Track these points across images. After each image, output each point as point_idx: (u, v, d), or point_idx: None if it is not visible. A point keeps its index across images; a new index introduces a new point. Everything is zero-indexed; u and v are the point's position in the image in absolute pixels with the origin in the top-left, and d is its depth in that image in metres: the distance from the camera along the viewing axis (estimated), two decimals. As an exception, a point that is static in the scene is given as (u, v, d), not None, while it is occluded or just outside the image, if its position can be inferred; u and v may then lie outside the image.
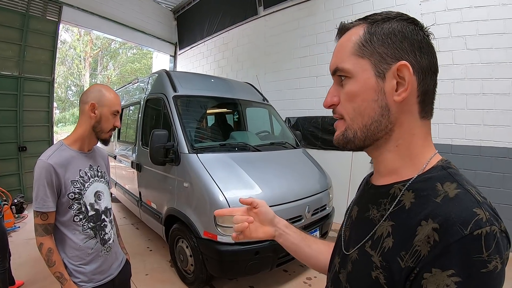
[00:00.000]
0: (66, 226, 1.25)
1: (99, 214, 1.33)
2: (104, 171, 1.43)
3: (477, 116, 3.53)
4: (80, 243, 1.26)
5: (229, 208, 0.84)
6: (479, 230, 0.38)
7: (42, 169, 1.18)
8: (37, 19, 5.32)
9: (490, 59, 3.43)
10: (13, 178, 5.19)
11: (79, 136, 1.31)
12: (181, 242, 2.66)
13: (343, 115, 0.54)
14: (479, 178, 3.54)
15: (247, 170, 2.51)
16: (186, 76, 3.63)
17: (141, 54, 23.12)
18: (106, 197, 1.40)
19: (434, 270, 0.39)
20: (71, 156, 1.27)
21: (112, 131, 1.37)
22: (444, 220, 0.40)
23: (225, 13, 6.90)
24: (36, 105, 5.53)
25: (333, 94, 0.56)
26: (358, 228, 0.57)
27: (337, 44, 0.57)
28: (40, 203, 1.17)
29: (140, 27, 7.69)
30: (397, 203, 0.49)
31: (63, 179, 1.21)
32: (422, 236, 0.41)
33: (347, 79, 0.53)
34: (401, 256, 0.43)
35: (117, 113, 1.35)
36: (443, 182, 0.46)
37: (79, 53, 21.54)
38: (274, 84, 5.70)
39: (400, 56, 0.49)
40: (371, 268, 0.48)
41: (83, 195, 1.27)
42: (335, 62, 0.55)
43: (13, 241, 3.66)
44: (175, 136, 2.71)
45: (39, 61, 5.46)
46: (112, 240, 1.38)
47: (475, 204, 0.42)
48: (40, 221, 1.19)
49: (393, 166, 0.53)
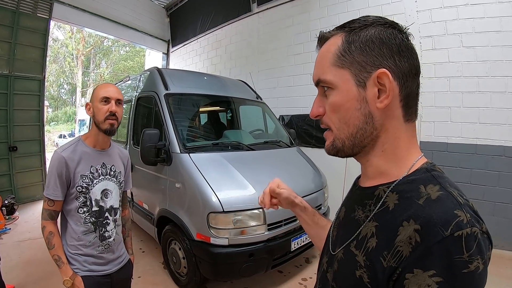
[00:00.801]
0: (70, 215, 1.31)
1: (102, 211, 1.36)
2: (119, 172, 1.45)
3: (473, 114, 3.53)
4: (80, 234, 1.31)
5: (265, 193, 0.84)
6: (460, 232, 0.39)
7: (56, 160, 1.27)
8: (28, 16, 5.20)
9: (486, 57, 3.43)
10: (3, 178, 5.09)
11: (91, 134, 1.37)
12: (174, 244, 2.60)
13: (329, 125, 0.56)
14: (474, 176, 3.54)
15: (240, 170, 2.46)
16: (178, 73, 3.57)
17: (134, 52, 22.97)
18: (114, 196, 1.41)
19: (416, 270, 0.40)
20: (84, 152, 1.33)
21: (112, 120, 1.33)
22: (426, 221, 0.41)
23: (218, 10, 6.83)
24: (27, 104, 5.42)
25: (318, 105, 0.57)
26: (345, 228, 0.59)
27: (318, 55, 0.57)
28: (50, 191, 1.26)
29: (132, 24, 7.58)
30: (381, 204, 0.51)
31: (74, 172, 1.28)
32: (404, 236, 0.42)
33: (330, 90, 0.54)
34: (384, 256, 0.44)
35: (107, 99, 1.32)
36: (426, 184, 0.47)
37: (71, 51, 21.32)
38: (267, 82, 5.65)
39: (379, 63, 0.50)
40: (355, 267, 0.49)
41: (90, 190, 1.32)
42: (317, 74, 0.56)
43: (4, 244, 3.59)
44: (167, 135, 2.64)
45: (30, 59, 5.35)
46: (113, 238, 1.40)
47: (456, 206, 0.43)
48: (47, 206, 1.28)
49: (380, 170, 0.55)
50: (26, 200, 5.41)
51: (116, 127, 1.35)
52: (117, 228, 1.44)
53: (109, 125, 1.32)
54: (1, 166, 5.04)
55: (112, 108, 1.32)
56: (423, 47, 3.78)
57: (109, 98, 1.32)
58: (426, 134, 3.82)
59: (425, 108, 3.81)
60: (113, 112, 1.33)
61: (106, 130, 1.33)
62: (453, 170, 3.63)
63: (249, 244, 2.22)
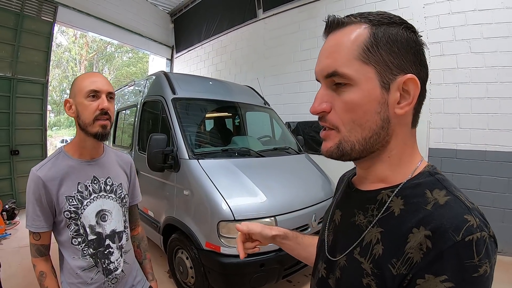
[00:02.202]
0: (64, 247, 1.06)
1: (101, 238, 1.08)
2: (118, 184, 1.16)
3: (482, 120, 3.50)
4: (78, 271, 1.04)
5: (246, 228, 0.76)
6: (470, 236, 0.39)
7: (31, 182, 1.00)
8: (32, 19, 5.18)
9: (494, 63, 3.41)
10: (4, 182, 5.02)
11: (76, 141, 1.08)
12: (181, 253, 2.53)
13: (337, 126, 0.50)
14: (484, 183, 3.50)
15: (251, 177, 2.40)
16: (185, 78, 3.52)
17: (137, 58, 23.04)
18: (115, 217, 1.12)
19: (427, 276, 0.40)
20: (69, 166, 1.04)
21: (104, 121, 1.03)
22: (436, 227, 0.41)
23: (223, 16, 6.82)
24: (29, 107, 5.38)
25: (322, 100, 0.51)
26: (344, 233, 0.56)
27: (331, 42, 0.50)
28: (30, 221, 1.01)
29: (136, 29, 7.58)
30: (385, 209, 0.49)
31: (56, 195, 1.01)
32: (415, 243, 0.42)
33: (348, 86, 0.48)
34: (392, 263, 0.44)
35: (95, 93, 1.01)
36: (432, 189, 0.46)
37: (74, 56, 21.38)
38: (273, 88, 5.62)
39: (405, 68, 0.47)
40: (361, 275, 0.48)
41: (80, 215, 1.04)
42: (332, 65, 0.48)
43: (4, 249, 3.51)
44: (175, 140, 2.58)
45: (33, 62, 5.32)
46: (121, 270, 1.13)
47: (465, 210, 0.42)
48: (33, 240, 1.04)
49: (383, 175, 0.52)
50: (27, 205, 5.34)
51: (109, 129, 1.05)
52: (126, 256, 1.17)
53: (100, 128, 1.02)
54: (3, 170, 4.97)
55: (104, 105, 1.01)
56: (431, 53, 3.75)
57: (98, 92, 1.01)
58: (435, 141, 3.78)
59: (433, 115, 3.78)
60: (105, 109, 1.02)
61: (97, 134, 1.02)
62: (462, 177, 3.59)
63: (260, 254, 2.14)
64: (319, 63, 0.52)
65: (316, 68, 0.52)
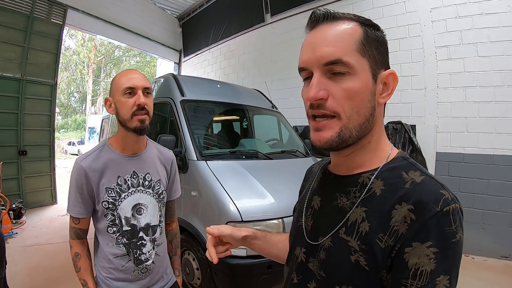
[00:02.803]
0: (101, 234, 1.12)
1: (135, 230, 1.12)
2: (157, 180, 1.19)
3: (489, 124, 3.49)
4: (111, 257, 1.10)
5: (217, 231, 0.73)
6: (448, 207, 0.45)
7: (75, 171, 1.07)
8: (42, 21, 5.26)
9: (501, 66, 3.41)
10: (12, 182, 5.08)
11: (118, 136, 1.14)
12: (187, 254, 2.53)
13: (339, 112, 0.51)
14: (491, 187, 3.48)
15: (258, 179, 2.39)
16: (194, 80, 3.55)
17: (144, 62, 23.28)
18: (151, 211, 1.16)
19: (414, 244, 0.44)
20: (110, 159, 1.10)
21: (141, 116, 1.07)
22: (417, 201, 0.46)
23: (231, 20, 6.85)
24: (38, 108, 5.46)
25: (320, 87, 0.51)
26: (327, 216, 0.59)
27: (328, 32, 0.52)
28: (70, 207, 1.08)
29: (145, 33, 7.64)
30: (367, 190, 0.53)
31: (98, 185, 1.06)
32: (399, 217, 0.46)
33: (348, 75, 0.50)
34: (380, 237, 0.48)
35: (131, 90, 1.06)
36: (407, 170, 0.52)
37: (82, 59, 21.66)
38: (280, 92, 5.61)
39: (385, 64, 0.55)
40: (349, 252, 0.50)
41: (117, 206, 1.09)
42: (335, 53, 0.50)
43: (10, 248, 3.53)
44: (183, 142, 2.60)
45: (42, 64, 5.39)
46: (152, 261, 1.16)
47: (440, 186, 0.48)
48: (72, 223, 1.11)
49: (362, 160, 0.57)
50: (34, 205, 5.39)
51: (147, 123, 1.10)
52: (158, 248, 1.20)
53: (139, 122, 1.06)
54: (10, 170, 5.01)
55: (140, 100, 1.06)
56: (438, 57, 3.75)
57: (134, 88, 1.06)
58: (442, 145, 3.76)
59: (441, 119, 3.76)
60: (142, 105, 1.06)
61: (136, 129, 1.07)
62: (470, 181, 3.57)
63: (267, 256, 2.14)
64: (313, 51, 0.52)
65: (308, 56, 0.53)
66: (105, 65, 23.48)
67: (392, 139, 3.88)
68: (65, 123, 24.01)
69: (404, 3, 4.05)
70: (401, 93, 4.04)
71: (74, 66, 22.16)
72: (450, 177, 3.67)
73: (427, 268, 0.43)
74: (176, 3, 7.89)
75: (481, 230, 3.47)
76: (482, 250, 3.45)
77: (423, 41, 3.90)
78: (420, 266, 0.43)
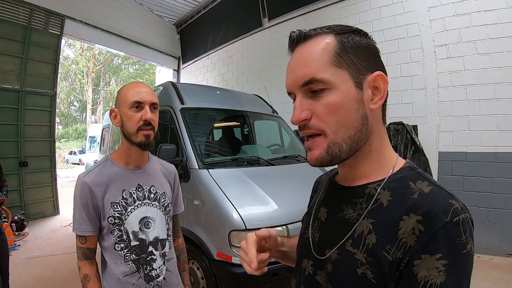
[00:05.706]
0: (107, 252, 1.08)
1: (144, 245, 1.09)
2: (162, 193, 1.18)
3: (491, 122, 3.48)
4: (120, 276, 1.05)
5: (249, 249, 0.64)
6: (457, 217, 0.44)
7: (78, 187, 1.04)
8: (39, 32, 5.28)
9: (501, 63, 3.41)
10: (14, 194, 5.05)
11: (121, 150, 1.13)
12: (191, 263, 2.51)
13: (323, 129, 0.52)
14: (495, 185, 3.46)
15: (261, 186, 2.37)
16: (193, 88, 3.54)
17: (143, 70, 23.36)
18: (159, 225, 1.14)
19: (423, 256, 0.43)
20: (114, 173, 1.08)
21: (147, 131, 1.06)
22: (426, 212, 0.45)
23: (228, 25, 6.87)
24: (38, 119, 5.47)
25: (302, 108, 0.52)
26: (333, 229, 0.57)
27: (302, 53, 0.54)
28: (76, 225, 1.04)
29: (143, 41, 7.67)
30: (374, 201, 0.52)
31: (102, 200, 1.04)
32: (407, 229, 0.45)
33: (326, 90, 0.51)
34: (387, 250, 0.46)
35: (139, 104, 1.05)
36: (415, 181, 0.50)
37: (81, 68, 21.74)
38: (280, 97, 5.58)
39: (371, 67, 0.52)
40: (355, 265, 0.49)
41: (124, 220, 1.06)
42: (309, 73, 0.51)
43: (13, 260, 3.50)
44: (184, 150, 2.58)
45: (41, 74, 5.41)
46: (163, 277, 1.13)
47: (449, 196, 0.47)
48: (79, 243, 1.07)
49: (366, 170, 0.55)
50: (37, 216, 5.39)
51: (152, 138, 1.08)
52: (168, 264, 1.17)
53: (144, 137, 1.05)
54: (12, 182, 4.96)
55: (147, 116, 1.04)
56: (438, 56, 3.75)
57: (142, 103, 1.05)
58: (445, 144, 3.74)
59: (442, 118, 3.75)
60: (149, 120, 1.05)
61: (141, 143, 1.06)
62: (473, 180, 3.55)
63: (272, 263, 2.10)
64: (292, 75, 0.54)
65: (289, 80, 0.55)
66: (104, 74, 23.55)
67: (394, 140, 3.86)
68: (65, 133, 24.06)
69: (402, 3, 4.06)
70: (401, 94, 4.04)
71: (73, 75, 22.23)
72: (453, 176, 3.65)
73: (437, 281, 0.41)
74: (173, 10, 7.92)
75: (486, 229, 3.45)
76: (488, 248, 3.43)
77: (422, 40, 3.89)
78: (430, 279, 0.42)
